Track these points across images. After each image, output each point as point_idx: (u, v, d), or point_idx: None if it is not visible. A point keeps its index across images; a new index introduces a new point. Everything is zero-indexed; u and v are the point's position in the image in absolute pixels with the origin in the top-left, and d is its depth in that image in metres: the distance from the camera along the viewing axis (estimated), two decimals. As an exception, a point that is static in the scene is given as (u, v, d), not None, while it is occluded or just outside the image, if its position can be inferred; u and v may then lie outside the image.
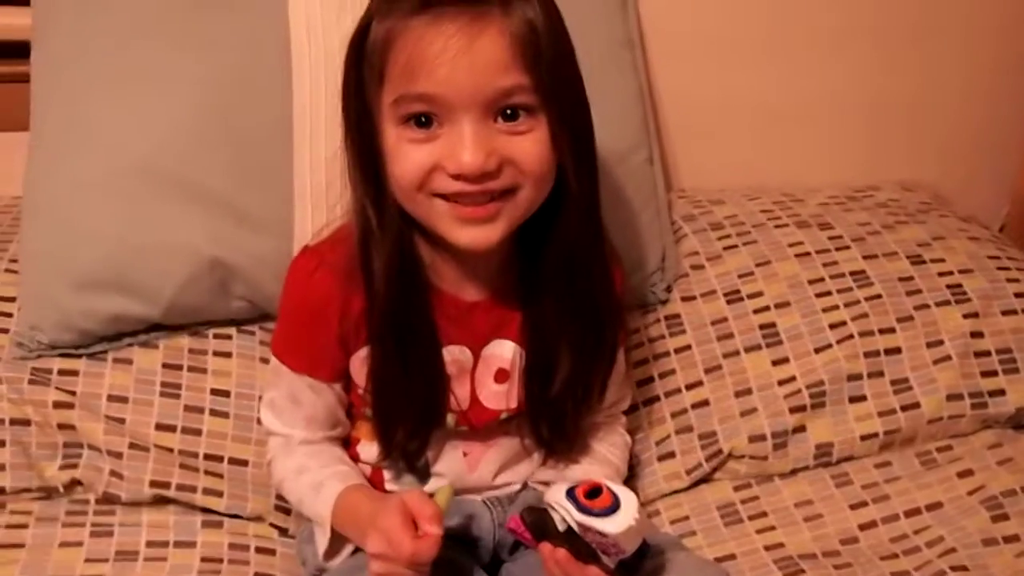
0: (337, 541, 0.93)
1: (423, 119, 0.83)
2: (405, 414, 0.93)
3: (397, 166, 0.85)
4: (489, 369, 0.96)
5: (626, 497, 0.85)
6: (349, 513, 0.91)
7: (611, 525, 0.83)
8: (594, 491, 0.86)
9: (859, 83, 1.46)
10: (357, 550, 0.93)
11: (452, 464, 0.98)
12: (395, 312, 0.90)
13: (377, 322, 0.90)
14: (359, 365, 0.94)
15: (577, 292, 0.92)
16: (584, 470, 1.00)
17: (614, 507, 0.84)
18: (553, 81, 0.83)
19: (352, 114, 0.89)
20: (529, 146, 0.84)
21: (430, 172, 0.84)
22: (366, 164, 0.88)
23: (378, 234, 0.89)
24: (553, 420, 0.96)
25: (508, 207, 0.85)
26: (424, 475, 0.98)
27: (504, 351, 0.96)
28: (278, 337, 0.98)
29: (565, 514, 0.86)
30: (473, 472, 0.99)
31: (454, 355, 0.94)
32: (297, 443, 0.97)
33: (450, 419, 0.96)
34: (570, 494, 0.86)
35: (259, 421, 1.03)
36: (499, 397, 0.96)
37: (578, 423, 0.98)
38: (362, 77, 0.86)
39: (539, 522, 0.89)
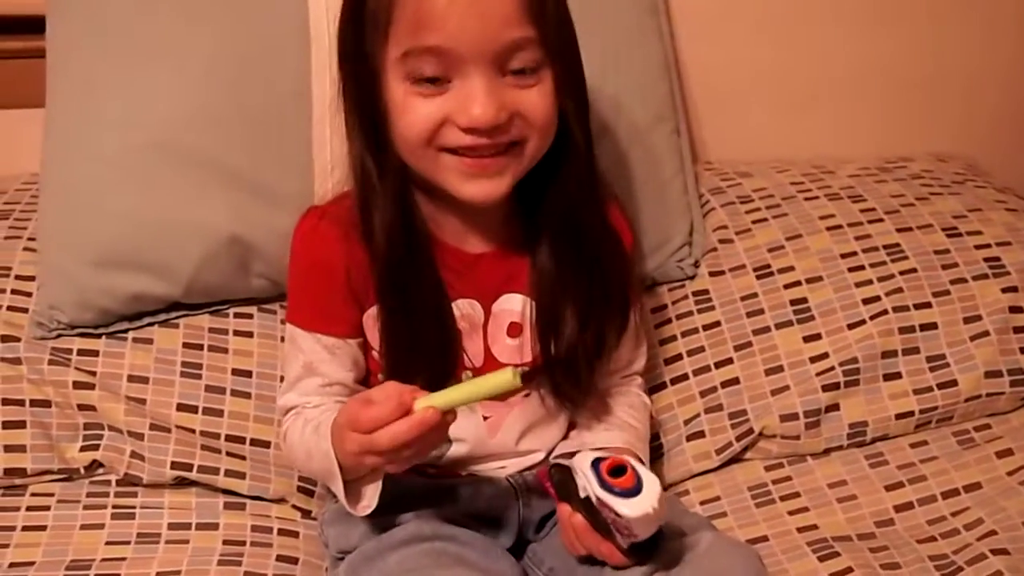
0: (354, 483, 0.89)
1: (433, 78, 0.83)
2: (418, 371, 0.91)
3: (404, 121, 0.85)
4: (501, 324, 0.95)
5: (649, 482, 0.83)
6: (340, 433, 0.86)
7: (628, 508, 0.82)
8: (619, 469, 0.84)
9: (889, 55, 1.43)
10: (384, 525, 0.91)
11: (472, 428, 0.96)
12: (398, 266, 0.90)
13: (381, 277, 0.90)
14: (372, 324, 0.93)
15: (579, 241, 0.93)
16: (606, 437, 0.99)
17: (635, 490, 0.83)
18: (557, 34, 0.85)
19: (351, 68, 0.88)
20: (537, 99, 0.85)
21: (440, 126, 0.84)
22: (366, 118, 0.88)
23: (379, 188, 0.89)
24: (568, 370, 0.95)
25: (514, 160, 0.87)
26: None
27: (514, 304, 0.95)
28: (290, 304, 0.97)
29: (587, 484, 0.85)
30: (494, 436, 0.97)
31: (463, 310, 0.93)
32: (310, 409, 0.94)
33: (465, 378, 0.94)
34: (595, 466, 0.85)
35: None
36: (513, 351, 0.95)
37: (592, 374, 0.96)
38: (362, 30, 0.86)
39: (563, 482, 0.89)
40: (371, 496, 0.89)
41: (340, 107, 0.91)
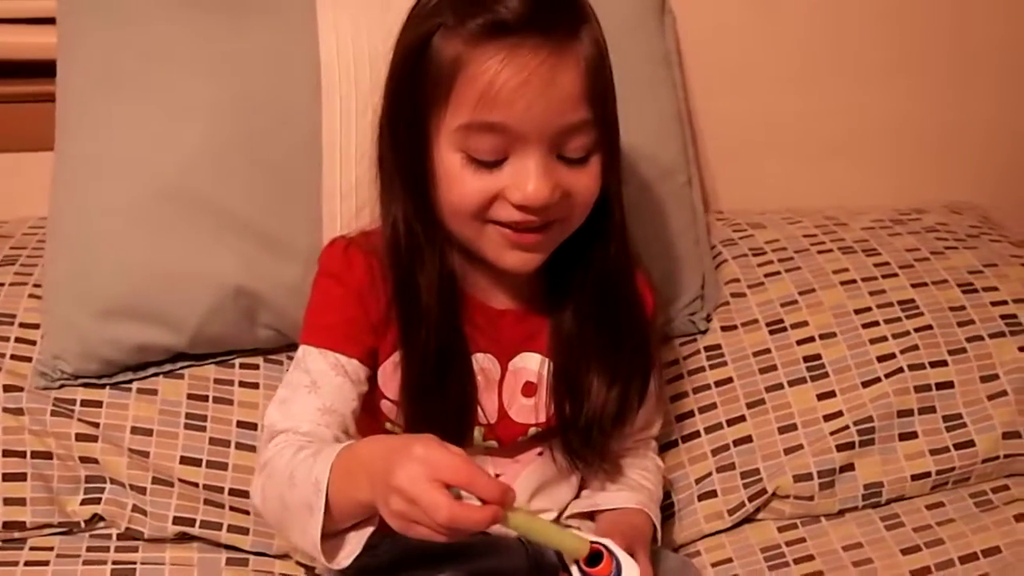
0: (337, 534, 0.79)
1: (490, 160, 0.82)
2: (435, 423, 0.89)
3: (455, 192, 0.84)
4: (517, 381, 0.94)
5: (628, 568, 0.80)
6: (352, 461, 0.77)
7: None
8: (596, 556, 0.81)
9: (901, 107, 1.42)
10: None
11: None
12: (432, 321, 0.88)
13: (410, 328, 0.88)
14: (391, 371, 0.91)
15: (606, 310, 0.92)
16: (620, 497, 0.98)
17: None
18: (611, 116, 0.86)
19: (401, 127, 0.87)
20: (586, 180, 0.85)
21: (491, 201, 0.84)
22: (413, 179, 0.87)
23: (425, 250, 0.88)
24: (584, 436, 0.94)
25: (555, 236, 0.87)
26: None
27: (531, 364, 0.94)
28: (305, 325, 0.93)
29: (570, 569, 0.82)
30: None
31: (481, 363, 0.92)
32: (300, 435, 0.85)
33: (477, 433, 0.93)
34: None
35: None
36: (528, 411, 0.94)
37: (608, 440, 0.95)
38: (418, 91, 0.84)
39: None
40: (354, 546, 0.79)
41: (375, 154, 0.91)
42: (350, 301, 0.90)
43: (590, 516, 0.99)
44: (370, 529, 0.80)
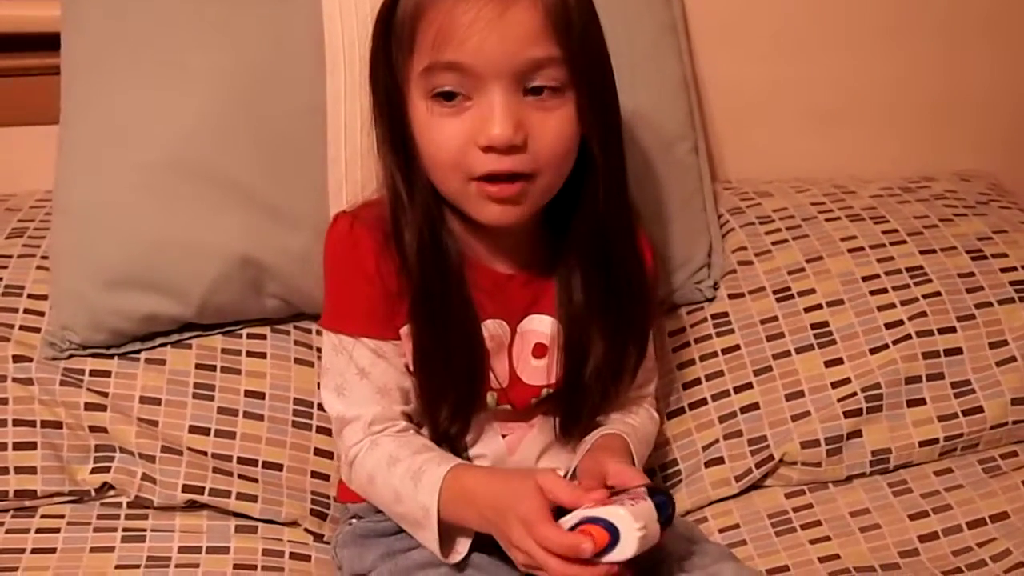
0: (448, 533, 0.87)
1: (451, 93, 0.83)
2: (448, 392, 0.91)
3: (430, 143, 0.85)
4: (527, 344, 0.94)
5: (624, 527, 0.78)
6: (462, 497, 0.85)
7: (618, 555, 0.78)
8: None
9: (907, 72, 1.41)
10: None
11: (492, 446, 0.96)
12: (430, 285, 0.89)
13: (414, 295, 0.89)
14: (404, 340, 0.91)
15: (606, 264, 0.92)
16: (601, 431, 0.96)
17: (613, 541, 0.78)
18: (583, 55, 0.84)
19: (380, 86, 0.89)
20: (555, 125, 0.84)
21: (463, 149, 0.84)
22: (395, 136, 0.89)
23: (408, 206, 0.89)
24: (583, 399, 0.94)
25: (532, 189, 0.86)
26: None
27: (542, 326, 0.94)
28: (329, 308, 0.94)
29: None
30: (513, 455, 0.96)
31: (491, 330, 0.93)
32: (378, 429, 0.91)
33: (490, 398, 0.94)
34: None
35: (319, 407, 1.03)
36: (539, 373, 0.95)
37: (603, 402, 0.96)
38: (390, 48, 0.87)
39: None
40: (464, 545, 0.88)
41: (371, 122, 0.91)
42: (368, 281, 0.90)
43: None
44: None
